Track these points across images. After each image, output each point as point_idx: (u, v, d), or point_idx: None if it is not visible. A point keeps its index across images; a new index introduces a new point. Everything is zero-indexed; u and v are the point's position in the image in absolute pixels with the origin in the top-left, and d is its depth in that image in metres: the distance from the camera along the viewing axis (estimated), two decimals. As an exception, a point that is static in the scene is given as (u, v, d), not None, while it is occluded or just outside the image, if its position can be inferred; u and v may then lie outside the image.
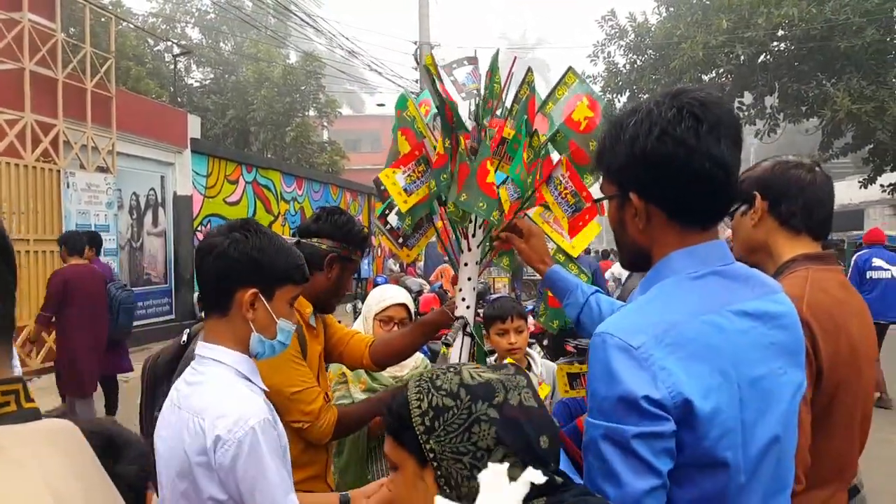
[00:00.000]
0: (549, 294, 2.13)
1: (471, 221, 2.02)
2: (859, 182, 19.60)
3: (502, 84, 2.08)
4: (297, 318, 1.87)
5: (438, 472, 1.10)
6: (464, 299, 2.09)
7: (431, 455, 1.10)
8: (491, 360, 3.36)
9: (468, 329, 2.07)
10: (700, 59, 16.51)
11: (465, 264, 2.09)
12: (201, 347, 1.68)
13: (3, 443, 0.73)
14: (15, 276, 0.85)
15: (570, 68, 2.07)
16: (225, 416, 1.54)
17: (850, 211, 28.51)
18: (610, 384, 1.15)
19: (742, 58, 16.64)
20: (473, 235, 2.06)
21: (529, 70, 2.06)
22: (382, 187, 2.15)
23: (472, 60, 2.12)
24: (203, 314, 1.78)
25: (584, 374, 2.22)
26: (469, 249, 2.08)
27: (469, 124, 2.01)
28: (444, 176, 1.92)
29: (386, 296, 3.07)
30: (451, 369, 1.17)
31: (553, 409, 2.77)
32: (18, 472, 0.71)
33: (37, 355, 8.84)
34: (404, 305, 3.05)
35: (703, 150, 1.22)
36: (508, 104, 2.09)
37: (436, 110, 2.05)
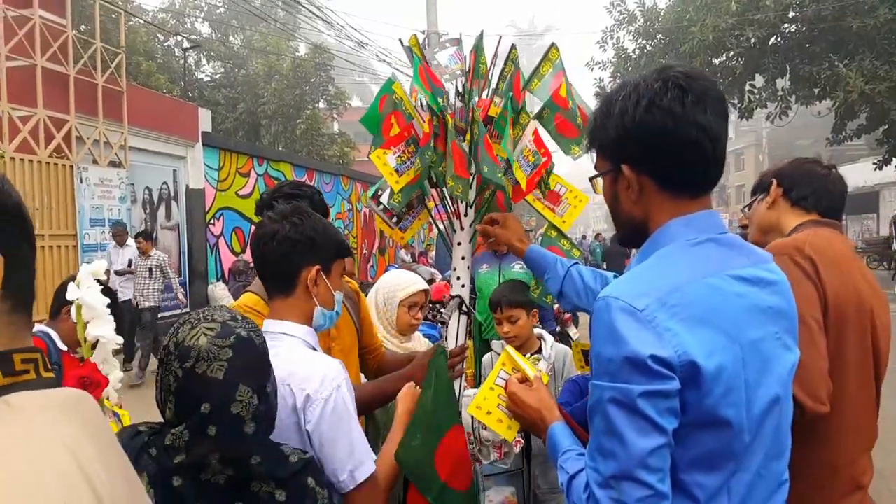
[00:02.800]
0: None
1: (463, 200, 2.05)
2: (874, 164, 19.40)
3: (488, 64, 2.11)
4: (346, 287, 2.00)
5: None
6: (458, 278, 2.12)
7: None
8: (503, 342, 3.39)
9: (464, 307, 2.11)
10: (710, 42, 16.39)
11: (459, 243, 2.12)
12: (270, 324, 1.80)
13: (21, 406, 0.76)
14: (33, 248, 0.89)
15: (553, 44, 2.10)
16: (311, 377, 1.66)
17: (865, 193, 28.23)
18: (615, 345, 1.17)
19: (752, 40, 16.49)
20: (465, 215, 2.09)
21: (513, 47, 2.09)
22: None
23: (455, 42, 2.15)
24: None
25: None
26: (462, 228, 2.11)
27: (457, 104, 2.04)
28: (428, 154, 1.95)
29: (410, 281, 3.14)
30: (204, 321, 1.42)
31: (563, 387, 2.81)
32: (37, 433, 0.74)
33: None
34: (426, 291, 3.16)
35: (690, 119, 1.27)
36: (494, 83, 2.12)
37: (426, 92, 2.07)
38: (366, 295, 3.32)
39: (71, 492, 0.72)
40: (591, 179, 1.51)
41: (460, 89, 2.07)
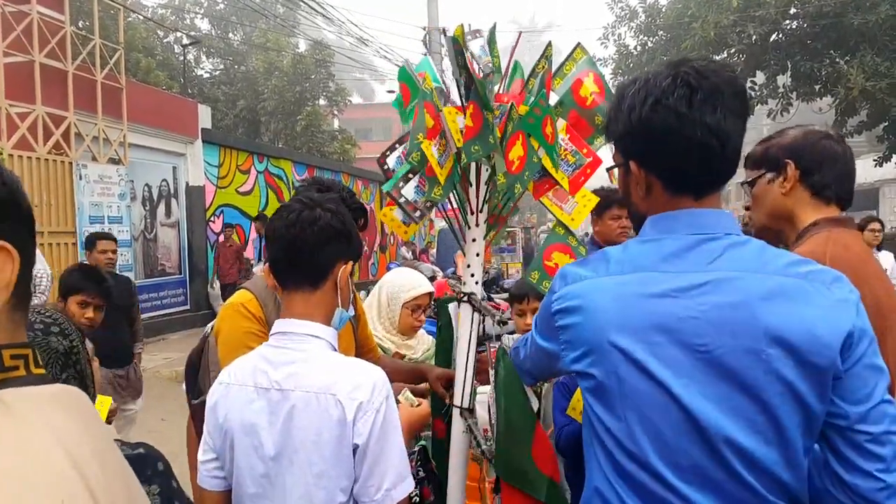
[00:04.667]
0: (550, 263, 2.12)
1: (487, 200, 2.03)
2: (874, 161, 19.38)
3: (504, 58, 2.08)
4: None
5: None
6: (472, 275, 2.10)
7: None
8: (515, 337, 3.36)
9: (477, 304, 2.08)
10: (711, 39, 16.34)
11: (474, 240, 2.10)
12: (290, 324, 1.63)
13: (13, 403, 0.74)
14: (34, 246, 0.88)
15: (578, 44, 2.08)
16: (361, 385, 1.53)
17: (865, 190, 28.21)
18: (542, 302, 1.50)
19: (754, 37, 16.45)
20: (481, 211, 2.07)
21: (549, 44, 2.06)
22: (386, 167, 2.16)
23: (478, 33, 2.11)
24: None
25: None
26: (477, 225, 2.09)
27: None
28: (476, 147, 1.87)
29: (415, 283, 3.08)
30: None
31: (554, 391, 2.79)
32: (30, 430, 0.72)
33: None
34: (431, 294, 3.10)
35: (696, 119, 1.24)
36: (514, 79, 2.10)
37: (438, 84, 2.05)
38: (367, 293, 3.28)
39: (65, 489, 0.70)
40: (608, 170, 1.51)
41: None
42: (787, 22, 17.23)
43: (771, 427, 1.20)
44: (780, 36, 17.51)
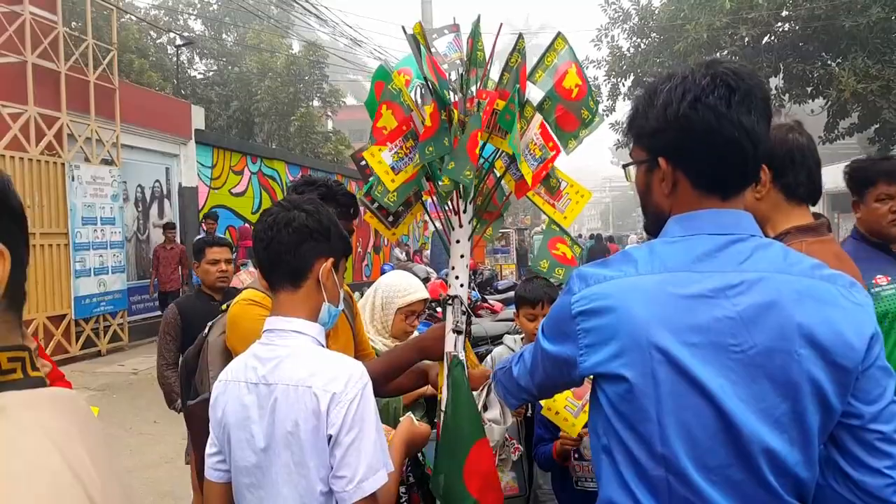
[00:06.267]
0: (557, 252, 2.09)
1: (461, 197, 2.01)
2: (866, 163, 19.45)
3: (487, 53, 2.05)
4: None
5: None
6: (457, 277, 2.07)
7: None
8: (518, 337, 3.34)
9: (463, 308, 2.06)
10: (704, 41, 16.36)
11: (458, 241, 2.07)
12: (277, 321, 1.70)
13: (11, 407, 0.74)
14: (28, 248, 0.88)
15: (559, 34, 2.03)
16: (336, 377, 1.58)
17: (858, 192, 28.29)
18: (555, 305, 1.44)
19: (746, 39, 16.49)
20: (465, 211, 2.05)
21: (520, 36, 2.00)
22: (363, 163, 2.12)
23: (454, 28, 2.09)
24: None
25: None
26: (460, 226, 2.06)
27: (455, 96, 1.98)
28: (430, 149, 1.88)
29: (410, 289, 3.06)
30: None
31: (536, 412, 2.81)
32: (25, 433, 0.72)
33: None
34: (425, 300, 3.08)
35: (734, 119, 1.25)
36: (497, 73, 2.06)
37: (421, 81, 2.02)
38: (362, 294, 3.26)
39: (61, 492, 0.70)
40: (624, 167, 1.50)
41: (455, 78, 2.00)
42: (780, 24, 17.27)
43: (796, 427, 1.22)
44: (773, 38, 17.55)
